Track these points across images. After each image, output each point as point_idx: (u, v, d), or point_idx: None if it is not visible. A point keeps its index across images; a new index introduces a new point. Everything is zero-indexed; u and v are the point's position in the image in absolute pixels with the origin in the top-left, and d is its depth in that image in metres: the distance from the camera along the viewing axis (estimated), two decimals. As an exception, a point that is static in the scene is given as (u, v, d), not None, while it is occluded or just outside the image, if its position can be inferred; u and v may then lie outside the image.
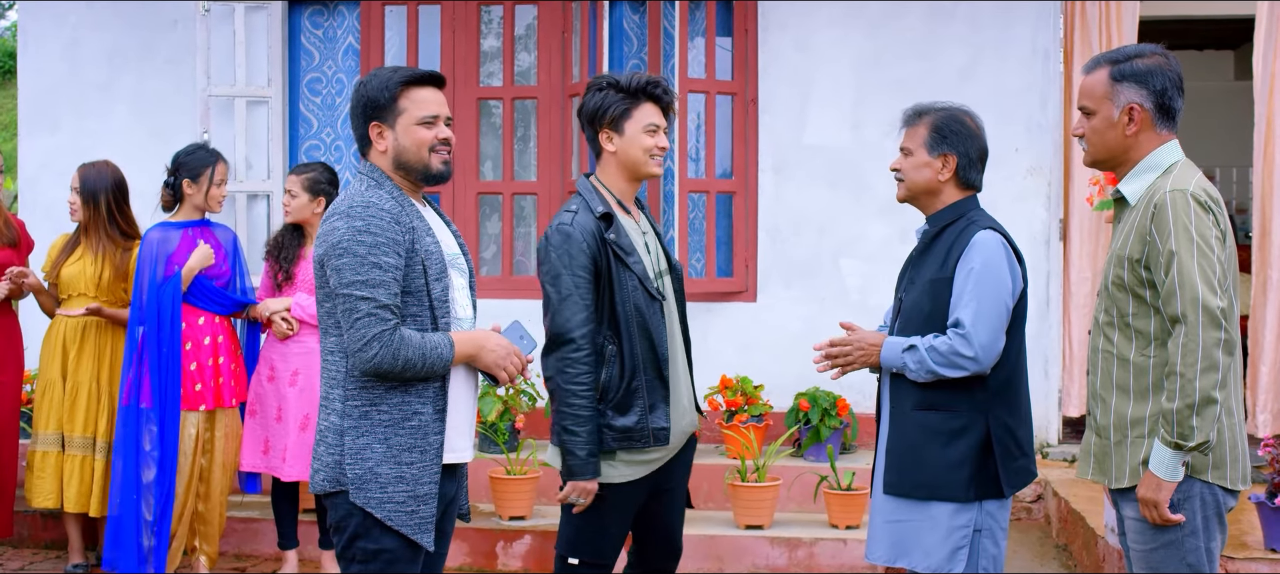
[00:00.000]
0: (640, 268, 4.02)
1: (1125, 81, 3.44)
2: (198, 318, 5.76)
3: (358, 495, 3.36)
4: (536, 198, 7.67)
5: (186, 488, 5.74)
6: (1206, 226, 3.28)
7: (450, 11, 7.64)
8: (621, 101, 4.09)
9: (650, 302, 4.01)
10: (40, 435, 5.95)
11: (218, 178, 5.81)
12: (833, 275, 7.43)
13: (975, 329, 3.64)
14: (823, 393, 6.82)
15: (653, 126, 4.10)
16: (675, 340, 4.13)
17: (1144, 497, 3.33)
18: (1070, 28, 7.34)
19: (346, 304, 3.32)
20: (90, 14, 7.78)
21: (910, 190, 3.91)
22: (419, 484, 3.40)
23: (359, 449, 3.37)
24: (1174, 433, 3.24)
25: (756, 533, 6.17)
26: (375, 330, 3.29)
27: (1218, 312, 3.22)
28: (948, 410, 3.73)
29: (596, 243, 3.95)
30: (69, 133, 7.75)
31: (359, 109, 3.52)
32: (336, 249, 3.34)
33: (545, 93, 7.61)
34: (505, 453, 6.50)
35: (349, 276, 3.31)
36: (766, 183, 7.46)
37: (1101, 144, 3.51)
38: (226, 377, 5.80)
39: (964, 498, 3.71)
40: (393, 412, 3.38)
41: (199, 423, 5.74)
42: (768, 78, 7.45)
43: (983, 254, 3.71)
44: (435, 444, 3.43)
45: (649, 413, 4.00)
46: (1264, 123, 6.94)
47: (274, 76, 7.54)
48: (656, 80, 4.13)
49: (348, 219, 3.36)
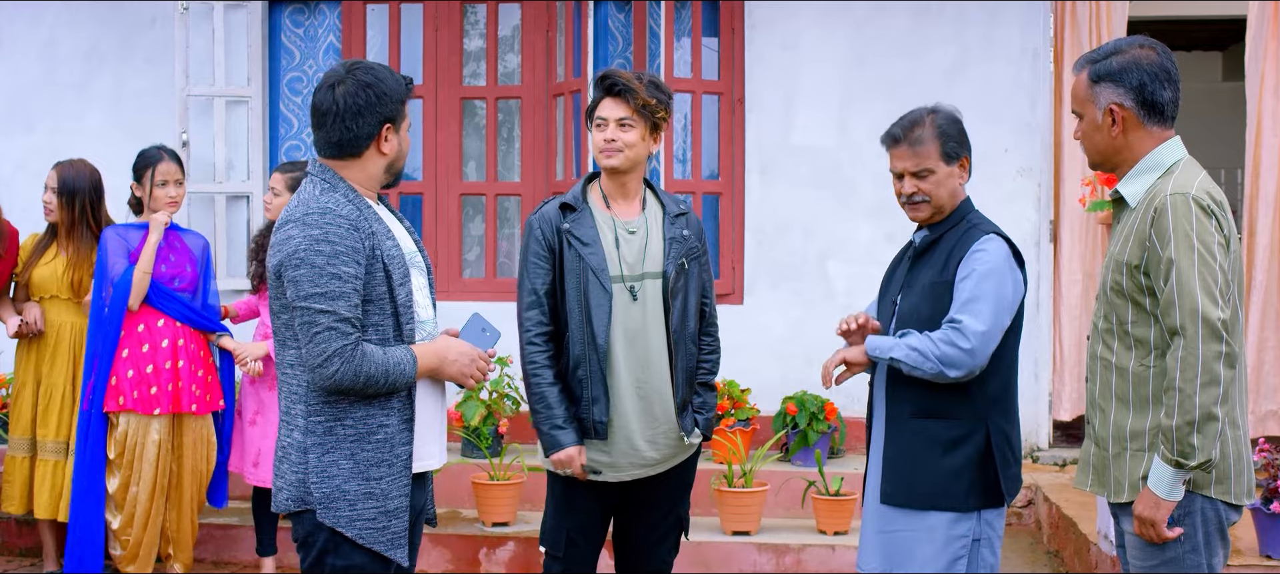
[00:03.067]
0: (596, 259, 3.99)
1: (1102, 82, 3.30)
2: (157, 319, 5.61)
3: (326, 515, 3.22)
4: (520, 199, 7.58)
5: (151, 495, 5.59)
6: (1208, 233, 3.14)
7: (433, 10, 7.55)
8: (593, 98, 4.14)
9: (601, 293, 3.98)
10: (13, 440, 5.85)
11: (160, 177, 5.62)
12: (820, 277, 7.36)
13: (973, 324, 3.52)
14: (810, 397, 6.75)
15: (600, 120, 4.08)
16: (642, 343, 4.04)
17: (1141, 515, 3.21)
18: (1060, 27, 7.29)
19: (305, 318, 3.15)
20: (67, 12, 7.67)
21: (938, 207, 3.71)
22: (389, 499, 3.26)
23: (324, 467, 3.22)
24: (1174, 451, 3.12)
25: (744, 539, 6.09)
26: (336, 346, 3.13)
27: (1218, 324, 3.09)
28: (947, 418, 3.62)
29: (553, 231, 4.04)
30: (45, 133, 7.64)
31: (378, 107, 3.26)
32: (293, 259, 3.15)
33: (529, 92, 7.52)
34: (488, 458, 6.41)
35: (307, 288, 3.14)
36: (753, 184, 7.39)
37: (1093, 147, 3.38)
38: (188, 381, 5.61)
39: (964, 507, 3.61)
40: (358, 425, 3.23)
41: (162, 428, 5.60)
42: (754, 78, 7.38)
43: (987, 257, 3.61)
44: (403, 456, 3.29)
45: (591, 404, 4.02)
46: (1254, 123, 6.90)
47: (254, 76, 7.44)
48: (607, 72, 4.11)
49: (304, 226, 3.16)
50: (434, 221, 7.56)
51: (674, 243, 4.11)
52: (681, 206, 4.22)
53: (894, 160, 3.73)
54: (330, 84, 3.28)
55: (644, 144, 4.08)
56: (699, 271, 4.19)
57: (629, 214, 4.12)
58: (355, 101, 3.25)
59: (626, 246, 4.06)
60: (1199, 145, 3.36)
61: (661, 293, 4.07)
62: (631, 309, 4.03)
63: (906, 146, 3.69)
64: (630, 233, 4.08)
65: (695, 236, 4.19)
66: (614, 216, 4.09)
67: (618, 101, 4.04)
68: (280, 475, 3.30)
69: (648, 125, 4.07)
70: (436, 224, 7.55)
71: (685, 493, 4.29)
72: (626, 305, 4.02)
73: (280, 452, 3.31)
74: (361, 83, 3.26)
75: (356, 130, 3.27)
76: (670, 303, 4.07)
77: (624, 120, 4.04)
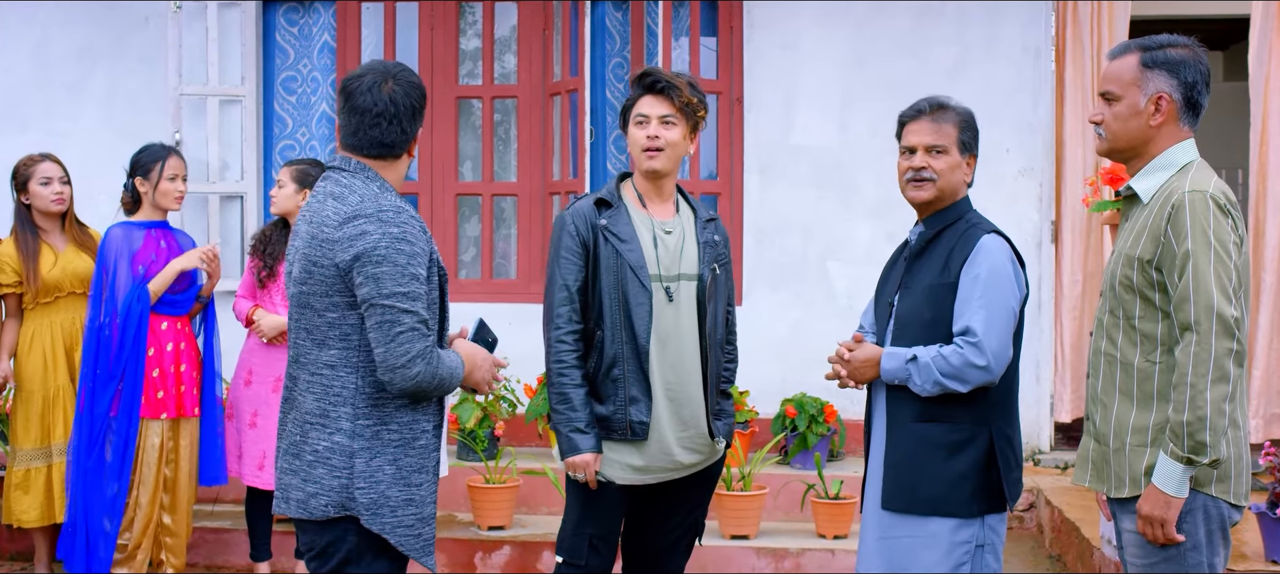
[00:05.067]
0: (635, 256, 3.93)
1: (1156, 69, 3.28)
2: (160, 323, 5.57)
3: (372, 521, 3.16)
4: (517, 199, 7.52)
5: (151, 499, 5.55)
6: (1225, 231, 3.14)
7: (429, 8, 7.49)
8: (630, 95, 4.06)
9: (640, 291, 3.90)
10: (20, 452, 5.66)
11: (169, 172, 5.55)
12: (820, 278, 7.30)
13: (986, 338, 3.46)
14: (810, 399, 6.69)
15: (641, 117, 4.00)
16: (675, 345, 3.98)
17: (1149, 514, 3.17)
18: (1062, 26, 7.23)
19: (387, 316, 3.07)
20: (59, 11, 7.61)
21: (942, 192, 3.65)
22: (425, 505, 3.26)
23: (371, 472, 3.17)
24: (1184, 447, 3.09)
25: (742, 543, 6.03)
26: (419, 346, 3.09)
27: (1231, 321, 3.09)
28: (950, 422, 3.55)
29: (587, 226, 3.95)
30: (38, 133, 7.55)
31: (420, 110, 3.26)
32: (374, 256, 3.08)
33: (526, 92, 7.46)
34: (484, 461, 6.34)
35: (390, 287, 3.07)
36: (752, 184, 7.33)
37: (1122, 132, 3.33)
38: (188, 386, 5.61)
39: (968, 513, 3.54)
40: (402, 431, 3.20)
41: (163, 431, 5.56)
42: (753, 77, 7.31)
43: (990, 260, 3.54)
44: (435, 462, 3.30)
45: (628, 404, 3.93)
46: (1259, 123, 6.84)
47: (248, 75, 7.37)
48: (648, 70, 4.04)
49: (381, 223, 3.10)
50: (429, 222, 7.49)
51: (707, 247, 4.07)
52: (711, 212, 4.20)
53: (911, 134, 3.67)
54: (374, 83, 3.20)
55: (684, 143, 4.03)
56: (727, 279, 4.17)
57: (665, 214, 4.07)
58: (410, 103, 3.24)
59: (663, 247, 4.00)
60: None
61: (697, 296, 4.02)
62: (666, 310, 3.97)
63: (929, 120, 3.64)
64: (667, 233, 4.03)
65: (723, 243, 4.16)
66: (651, 216, 4.03)
67: (660, 99, 3.98)
68: (314, 480, 3.19)
69: (688, 124, 4.03)
70: (432, 225, 7.49)
71: (706, 498, 4.25)
72: (662, 306, 3.96)
73: (314, 455, 3.20)
74: (412, 84, 3.25)
75: (409, 132, 3.26)
76: (705, 307, 4.02)
77: (667, 118, 3.98)
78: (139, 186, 5.59)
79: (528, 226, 7.49)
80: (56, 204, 5.67)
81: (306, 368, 3.23)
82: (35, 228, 5.69)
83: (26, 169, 5.68)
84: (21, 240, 5.65)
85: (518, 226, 7.55)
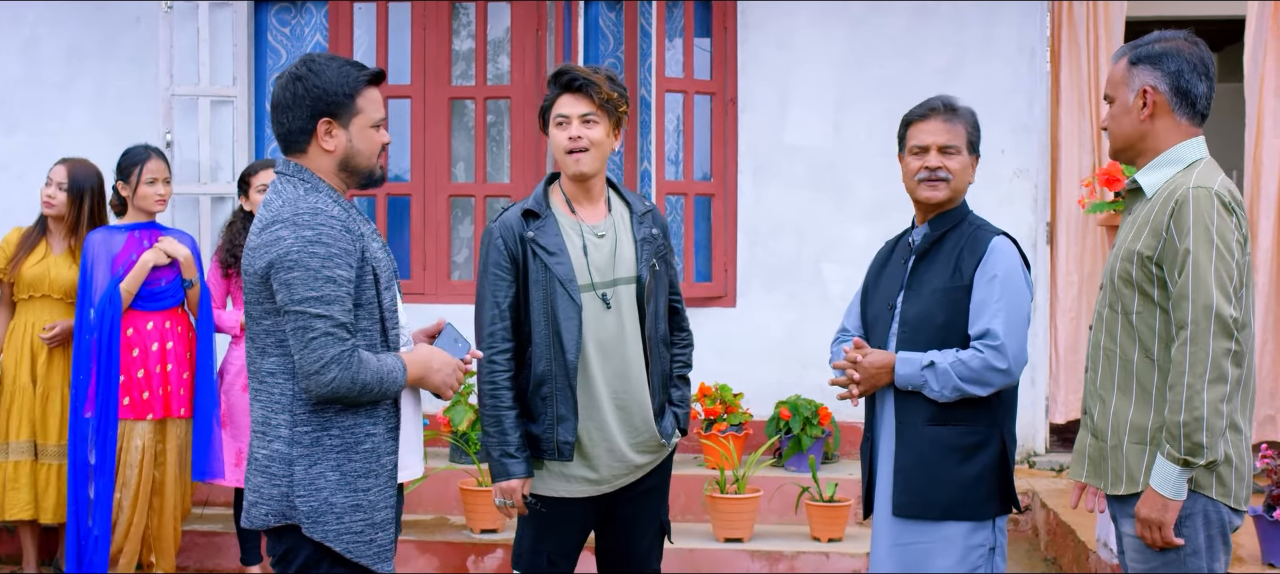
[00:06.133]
0: (563, 269, 3.76)
1: (1140, 65, 3.28)
2: (146, 322, 5.53)
3: (314, 529, 3.10)
4: (510, 200, 7.48)
5: (134, 501, 5.49)
6: (1228, 229, 3.10)
7: (421, 9, 7.45)
8: (547, 96, 3.89)
9: (570, 305, 3.75)
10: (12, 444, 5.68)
11: (148, 176, 5.53)
12: (814, 280, 7.27)
13: (1008, 340, 3.43)
14: (804, 401, 6.65)
15: (561, 118, 3.83)
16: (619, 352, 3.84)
17: (1147, 517, 3.13)
18: (1057, 26, 7.21)
19: (300, 322, 3.03)
20: (49, 11, 7.55)
21: (955, 193, 3.62)
22: (376, 510, 3.16)
23: (311, 479, 3.11)
24: (1181, 448, 3.05)
25: (736, 546, 5.99)
26: (333, 351, 3.02)
27: (1230, 320, 3.05)
28: (964, 425, 3.51)
29: (515, 239, 3.80)
30: (27, 133, 7.52)
31: (306, 101, 3.15)
32: (285, 261, 3.04)
33: (519, 92, 7.42)
34: (476, 464, 6.30)
35: (302, 292, 3.02)
36: (746, 185, 7.30)
37: (1119, 132, 3.33)
38: (175, 385, 5.56)
39: (983, 516, 3.51)
40: (345, 435, 3.13)
41: (147, 433, 5.51)
42: (747, 77, 7.28)
43: (1004, 262, 3.52)
44: (389, 466, 3.20)
45: (556, 424, 3.78)
46: (1254, 124, 6.83)
47: (239, 75, 7.33)
48: (564, 67, 3.88)
49: (295, 227, 3.05)
50: (422, 223, 7.45)
51: (645, 244, 3.91)
52: (646, 204, 4.02)
53: (923, 133, 3.62)
54: (283, 77, 3.21)
55: (608, 140, 3.85)
56: (667, 271, 4.01)
57: (595, 217, 3.91)
58: (283, 95, 3.18)
59: (595, 252, 3.84)
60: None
61: (636, 298, 3.87)
62: (605, 318, 3.82)
63: (943, 120, 3.60)
64: (598, 237, 3.87)
65: (662, 234, 4.00)
66: (580, 221, 3.88)
67: (578, 97, 3.81)
68: (255, 489, 3.17)
69: (611, 121, 3.85)
70: (424, 226, 7.45)
71: (664, 496, 4.12)
72: (599, 315, 3.81)
73: (254, 464, 3.18)
74: (293, 76, 3.17)
75: (288, 124, 3.18)
76: (645, 308, 3.88)
77: (588, 116, 3.81)
78: (121, 190, 5.58)
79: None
80: (47, 208, 5.74)
81: (254, 376, 3.21)
82: (44, 225, 5.78)
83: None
84: (28, 233, 5.78)
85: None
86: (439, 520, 6.43)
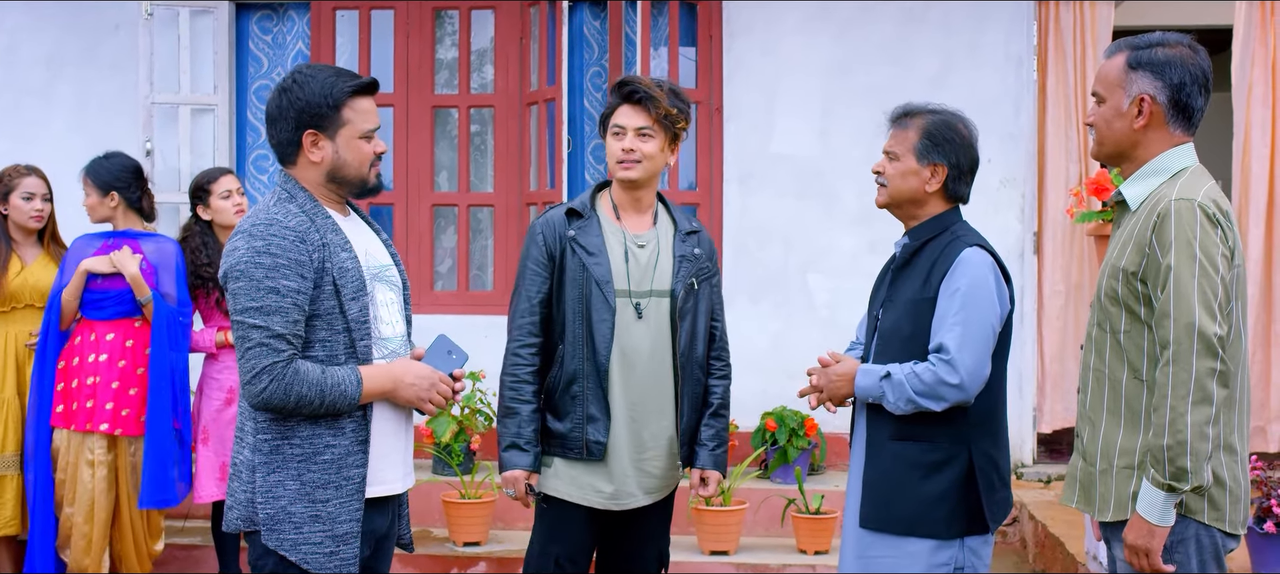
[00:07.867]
0: (601, 270, 3.80)
1: (1141, 70, 3.12)
2: (107, 333, 5.39)
3: (270, 537, 3.09)
4: (493, 209, 7.42)
5: (88, 517, 5.33)
6: (1212, 243, 2.95)
7: (404, 16, 7.39)
8: (609, 104, 3.94)
9: (604, 307, 3.79)
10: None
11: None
12: (800, 290, 7.21)
13: (960, 355, 3.36)
14: (790, 412, 6.60)
15: (618, 128, 3.88)
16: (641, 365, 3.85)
17: (1134, 544, 3.01)
18: (1044, 34, 7.17)
19: (239, 332, 3.07)
20: (27, 17, 7.48)
21: (893, 198, 3.59)
22: (337, 523, 3.12)
23: (270, 487, 3.10)
24: (1166, 474, 2.93)
25: (722, 558, 5.94)
26: (266, 362, 3.02)
27: (1214, 339, 2.90)
28: (927, 442, 3.46)
29: (556, 237, 3.86)
30: (5, 141, 7.42)
31: (291, 114, 3.16)
32: (234, 271, 3.07)
33: (502, 100, 7.36)
34: (459, 476, 6.24)
35: (243, 302, 3.05)
36: (732, 194, 7.25)
37: (1108, 135, 3.19)
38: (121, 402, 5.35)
39: (945, 535, 3.45)
40: (304, 446, 3.10)
41: (98, 448, 5.34)
42: (733, 85, 7.23)
43: (970, 274, 3.44)
44: (355, 478, 3.15)
45: (586, 423, 3.82)
46: (1242, 133, 6.80)
47: (220, 83, 7.27)
48: (626, 78, 3.92)
49: (249, 238, 3.07)
50: (405, 233, 7.38)
51: (684, 261, 3.92)
52: (694, 224, 4.04)
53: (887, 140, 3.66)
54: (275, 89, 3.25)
55: (662, 155, 3.90)
56: (710, 292, 4.02)
57: (640, 227, 3.94)
58: (272, 107, 3.21)
59: (634, 261, 3.87)
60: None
61: (669, 313, 3.88)
62: (635, 327, 3.84)
63: (895, 127, 3.62)
64: (640, 247, 3.89)
65: (707, 256, 4.01)
66: (624, 229, 3.91)
67: (637, 109, 3.85)
68: (231, 493, 3.19)
69: (667, 136, 3.89)
70: (407, 235, 7.38)
71: (667, 525, 4.12)
72: (630, 323, 3.84)
73: (233, 468, 3.21)
74: (281, 88, 3.21)
75: (277, 136, 3.22)
76: (677, 324, 3.88)
77: (643, 130, 3.85)
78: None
79: (504, 237, 7.39)
80: (35, 221, 5.58)
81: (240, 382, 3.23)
82: (9, 238, 5.58)
83: (10, 181, 5.57)
84: None
85: (494, 237, 7.45)
86: (422, 533, 6.37)
